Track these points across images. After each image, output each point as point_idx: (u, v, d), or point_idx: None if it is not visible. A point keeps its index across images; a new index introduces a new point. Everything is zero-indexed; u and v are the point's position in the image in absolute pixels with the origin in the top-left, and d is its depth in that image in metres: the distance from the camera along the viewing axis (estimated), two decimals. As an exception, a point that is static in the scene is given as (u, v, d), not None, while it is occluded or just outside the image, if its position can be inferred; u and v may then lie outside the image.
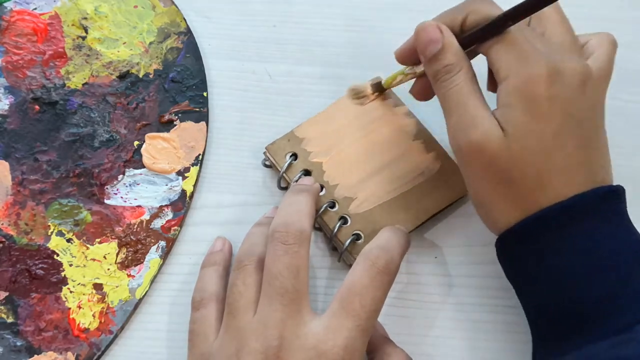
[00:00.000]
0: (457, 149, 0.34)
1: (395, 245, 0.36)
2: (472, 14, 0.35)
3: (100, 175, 0.42)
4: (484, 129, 0.32)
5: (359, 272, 0.34)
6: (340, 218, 0.39)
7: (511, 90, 0.32)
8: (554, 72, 0.32)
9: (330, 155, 0.41)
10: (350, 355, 0.32)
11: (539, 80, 0.32)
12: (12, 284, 0.40)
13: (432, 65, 0.35)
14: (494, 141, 0.32)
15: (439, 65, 0.35)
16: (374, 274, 0.34)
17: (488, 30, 0.34)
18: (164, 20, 0.46)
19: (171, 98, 0.44)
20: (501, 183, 0.33)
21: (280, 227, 0.34)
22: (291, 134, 0.42)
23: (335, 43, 0.47)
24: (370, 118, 0.42)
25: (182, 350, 0.36)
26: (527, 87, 0.32)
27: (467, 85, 0.34)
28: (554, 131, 0.32)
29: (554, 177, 0.32)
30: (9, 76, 0.44)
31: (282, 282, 0.33)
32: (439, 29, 0.35)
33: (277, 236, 0.34)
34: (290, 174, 0.41)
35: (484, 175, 0.34)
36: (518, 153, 0.32)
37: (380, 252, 0.35)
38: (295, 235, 0.34)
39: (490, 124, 0.33)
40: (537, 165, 0.32)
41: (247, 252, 0.36)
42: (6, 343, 0.38)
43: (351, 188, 0.40)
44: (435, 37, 0.35)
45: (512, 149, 0.32)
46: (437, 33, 0.35)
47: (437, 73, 0.35)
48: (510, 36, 0.33)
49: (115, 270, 0.40)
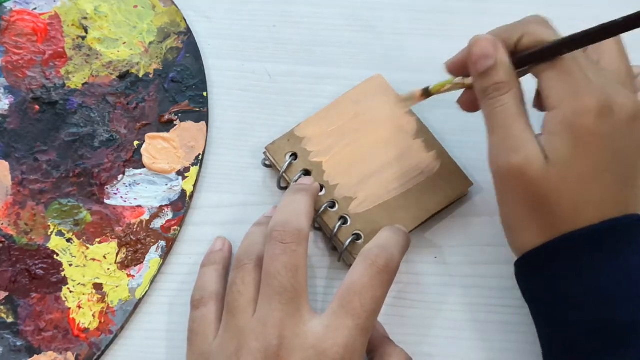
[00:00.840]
0: (496, 169, 0.34)
1: (395, 244, 0.36)
2: (527, 35, 0.34)
3: (100, 175, 0.42)
4: (526, 153, 0.32)
5: (358, 272, 0.34)
6: (340, 218, 0.39)
7: (559, 120, 0.32)
8: (604, 107, 0.31)
9: (330, 155, 0.41)
10: (350, 355, 0.32)
11: (588, 115, 0.31)
12: (12, 284, 0.40)
13: (481, 81, 0.34)
14: (535, 166, 0.32)
15: (489, 82, 0.34)
16: (374, 273, 0.34)
17: (542, 54, 0.33)
18: (164, 20, 0.46)
19: (171, 98, 0.44)
20: (535, 208, 0.33)
21: (278, 226, 0.35)
22: (291, 133, 0.42)
23: (335, 43, 0.47)
24: (370, 117, 0.42)
25: (182, 350, 0.36)
26: (575, 120, 0.31)
27: (515, 106, 0.33)
28: (595, 165, 0.32)
29: (587, 209, 0.32)
30: (8, 76, 0.44)
31: (281, 282, 0.33)
32: (493, 44, 0.34)
33: (275, 235, 0.34)
34: (290, 174, 0.41)
35: (520, 198, 0.33)
36: (557, 181, 0.32)
37: (380, 251, 0.35)
38: (292, 234, 0.34)
39: (533, 148, 0.32)
40: (573, 196, 0.32)
41: (246, 252, 0.36)
42: (6, 343, 0.38)
43: (351, 188, 0.40)
44: (489, 52, 0.34)
45: (551, 176, 0.32)
46: (491, 49, 0.34)
47: (486, 89, 0.34)
48: (563, 63, 0.32)
49: (115, 270, 0.40)
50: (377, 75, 0.43)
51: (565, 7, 0.47)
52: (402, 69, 0.45)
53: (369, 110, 0.42)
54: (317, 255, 0.41)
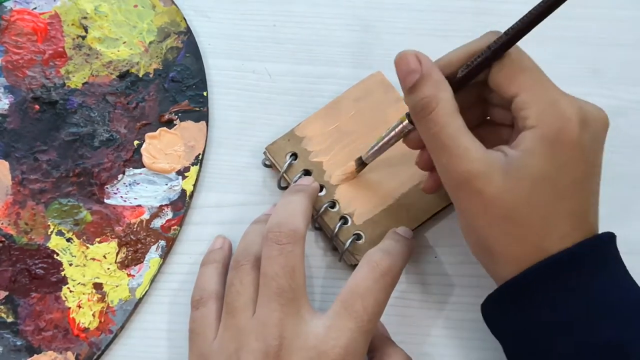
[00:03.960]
0: (455, 189, 0.33)
1: (398, 251, 0.36)
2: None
3: (100, 174, 0.42)
4: (481, 164, 0.31)
5: (361, 274, 0.34)
6: (340, 218, 0.39)
7: (539, 137, 0.31)
8: (582, 119, 0.31)
9: (331, 155, 0.41)
10: (351, 356, 0.32)
11: (573, 128, 0.31)
12: (12, 284, 0.40)
13: (410, 98, 0.33)
14: (495, 179, 0.31)
15: (417, 97, 0.32)
16: (377, 276, 0.34)
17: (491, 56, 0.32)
18: (164, 20, 0.46)
19: (171, 97, 0.44)
20: (504, 220, 0.31)
21: (274, 227, 0.35)
22: (291, 133, 0.42)
23: (335, 43, 0.47)
24: (370, 115, 0.42)
25: (182, 350, 0.36)
26: (557, 137, 0.31)
27: (453, 120, 0.32)
28: (573, 178, 0.31)
29: (561, 222, 0.31)
30: (8, 76, 0.44)
31: (279, 283, 0.33)
32: (417, 58, 0.33)
33: (270, 237, 0.34)
34: (291, 174, 0.41)
35: (484, 212, 0.32)
36: (527, 194, 0.31)
37: (383, 255, 0.35)
38: (288, 234, 0.34)
39: (488, 160, 0.31)
40: (547, 210, 0.31)
41: (244, 251, 0.36)
42: (6, 342, 0.38)
43: (352, 187, 0.40)
44: (414, 67, 0.32)
45: (520, 189, 0.31)
46: (416, 62, 0.32)
47: (415, 106, 0.33)
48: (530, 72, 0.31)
49: (115, 270, 0.40)
50: (378, 73, 0.43)
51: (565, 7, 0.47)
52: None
53: (369, 108, 0.42)
54: (317, 255, 0.41)
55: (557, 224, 0.31)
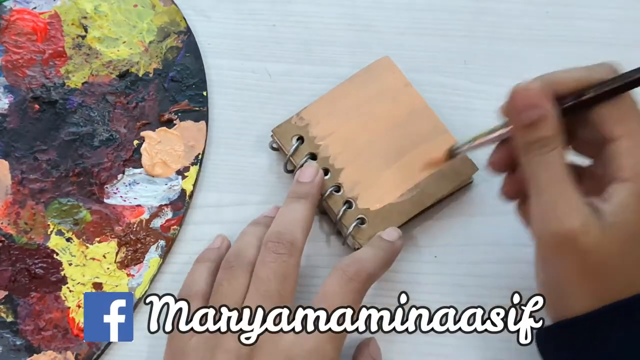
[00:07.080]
0: (545, 234, 0.31)
1: (369, 257, 0.36)
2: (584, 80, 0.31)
3: (99, 174, 0.42)
4: (580, 220, 0.30)
5: (329, 281, 0.35)
6: (345, 202, 0.39)
7: (633, 194, 0.30)
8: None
9: (336, 138, 0.41)
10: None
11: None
12: (11, 283, 0.40)
13: (525, 135, 0.31)
14: (592, 233, 0.30)
15: (534, 136, 0.31)
16: (344, 281, 0.34)
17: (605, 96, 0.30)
18: (164, 20, 0.46)
19: (171, 97, 0.44)
20: (588, 274, 0.31)
21: (273, 237, 0.35)
22: (297, 116, 0.41)
23: (335, 42, 0.47)
24: (377, 100, 0.42)
25: (182, 350, 0.36)
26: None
27: (562, 165, 0.31)
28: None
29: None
30: (8, 75, 0.44)
31: (268, 286, 0.34)
32: (542, 93, 0.30)
33: (269, 246, 0.35)
34: (297, 158, 0.41)
35: (571, 264, 0.31)
36: (620, 250, 0.30)
37: (351, 261, 0.35)
38: (286, 246, 0.35)
39: (587, 214, 0.30)
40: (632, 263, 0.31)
41: (238, 254, 0.36)
42: (6, 342, 0.38)
43: (357, 171, 0.40)
44: (537, 102, 0.30)
45: (615, 245, 0.30)
46: (540, 98, 0.30)
47: (530, 145, 0.31)
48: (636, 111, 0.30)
49: (115, 270, 0.40)
50: (385, 57, 0.43)
51: (565, 7, 0.47)
52: (401, 69, 0.45)
53: (376, 92, 0.42)
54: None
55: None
